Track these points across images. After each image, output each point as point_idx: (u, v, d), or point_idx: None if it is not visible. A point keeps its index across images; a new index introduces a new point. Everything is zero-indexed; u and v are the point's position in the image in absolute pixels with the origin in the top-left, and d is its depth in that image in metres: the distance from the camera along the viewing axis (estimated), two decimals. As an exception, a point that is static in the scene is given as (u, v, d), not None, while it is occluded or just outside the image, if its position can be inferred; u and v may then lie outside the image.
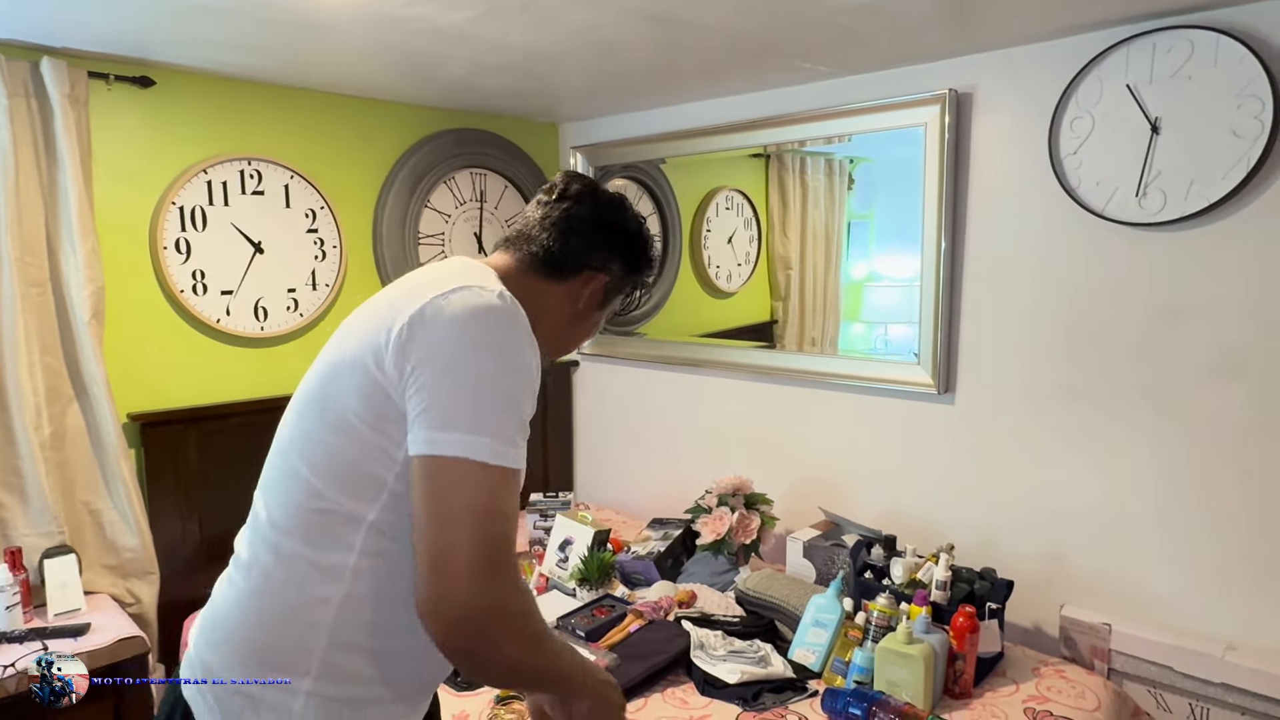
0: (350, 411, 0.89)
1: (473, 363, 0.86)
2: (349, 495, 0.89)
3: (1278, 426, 1.65)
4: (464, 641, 0.81)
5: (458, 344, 0.86)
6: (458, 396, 0.84)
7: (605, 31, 1.80)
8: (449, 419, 0.83)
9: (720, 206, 2.86)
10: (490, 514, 0.82)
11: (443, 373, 0.85)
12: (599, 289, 1.07)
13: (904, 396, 2.19)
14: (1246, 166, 1.61)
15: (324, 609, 0.90)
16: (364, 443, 0.88)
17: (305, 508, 0.91)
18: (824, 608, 1.81)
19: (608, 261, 1.07)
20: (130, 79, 2.03)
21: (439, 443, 0.82)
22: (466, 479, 0.82)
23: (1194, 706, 1.73)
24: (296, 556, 0.91)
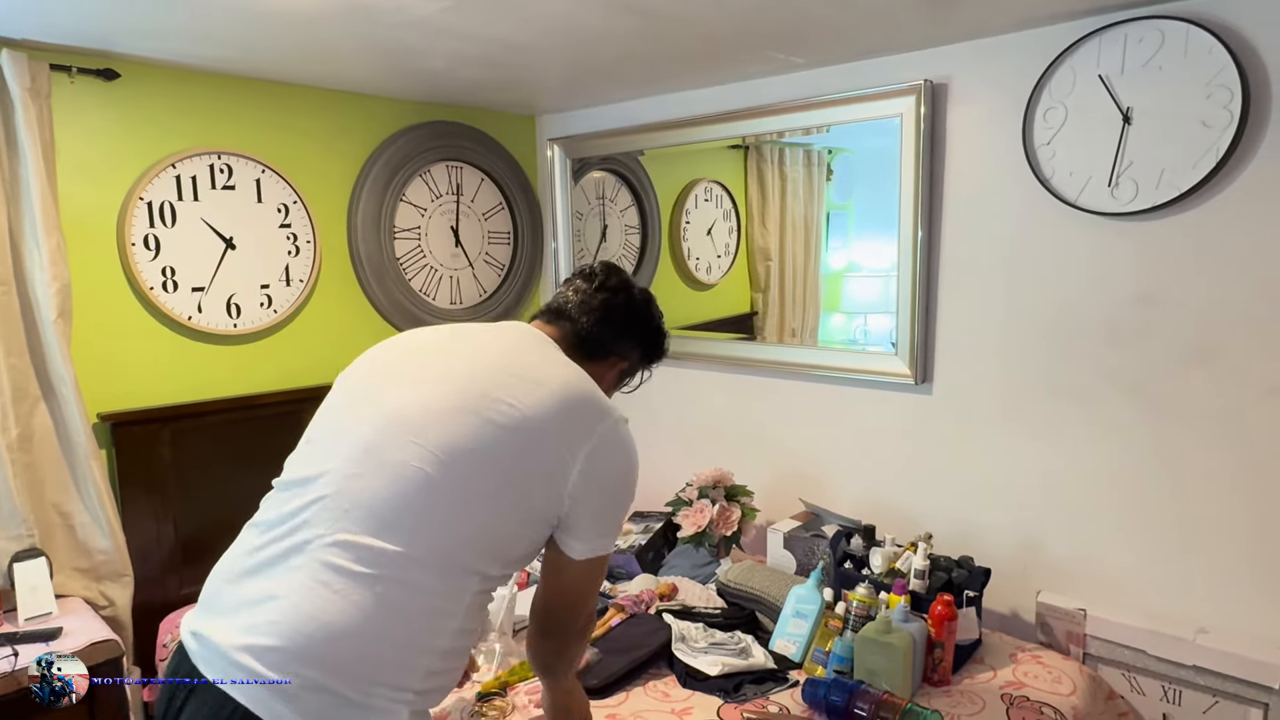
0: (532, 507, 1.07)
1: (624, 491, 1.15)
2: (488, 559, 1.06)
3: (1247, 412, 1.68)
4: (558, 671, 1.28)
5: (622, 479, 1.14)
6: (613, 517, 1.16)
7: (582, 23, 1.78)
8: (603, 533, 1.14)
9: (699, 198, 2.86)
10: (594, 595, 1.20)
11: (607, 501, 1.13)
12: (618, 373, 1.31)
13: (882, 387, 2.20)
14: (1216, 156, 1.62)
15: (440, 639, 1.04)
16: (531, 533, 1.10)
17: (452, 554, 1.03)
18: (804, 598, 1.82)
19: (630, 350, 1.30)
20: (94, 72, 1.99)
21: (594, 549, 1.13)
22: (598, 570, 1.16)
23: (1167, 689, 1.76)
24: (428, 590, 1.02)
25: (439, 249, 2.78)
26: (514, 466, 1.05)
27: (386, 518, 0.99)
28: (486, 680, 1.65)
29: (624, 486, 1.14)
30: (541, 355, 1.17)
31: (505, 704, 1.58)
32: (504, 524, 1.06)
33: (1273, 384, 1.65)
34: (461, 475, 1.02)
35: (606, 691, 1.63)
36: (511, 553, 1.09)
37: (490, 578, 1.08)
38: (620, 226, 2.92)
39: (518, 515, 1.07)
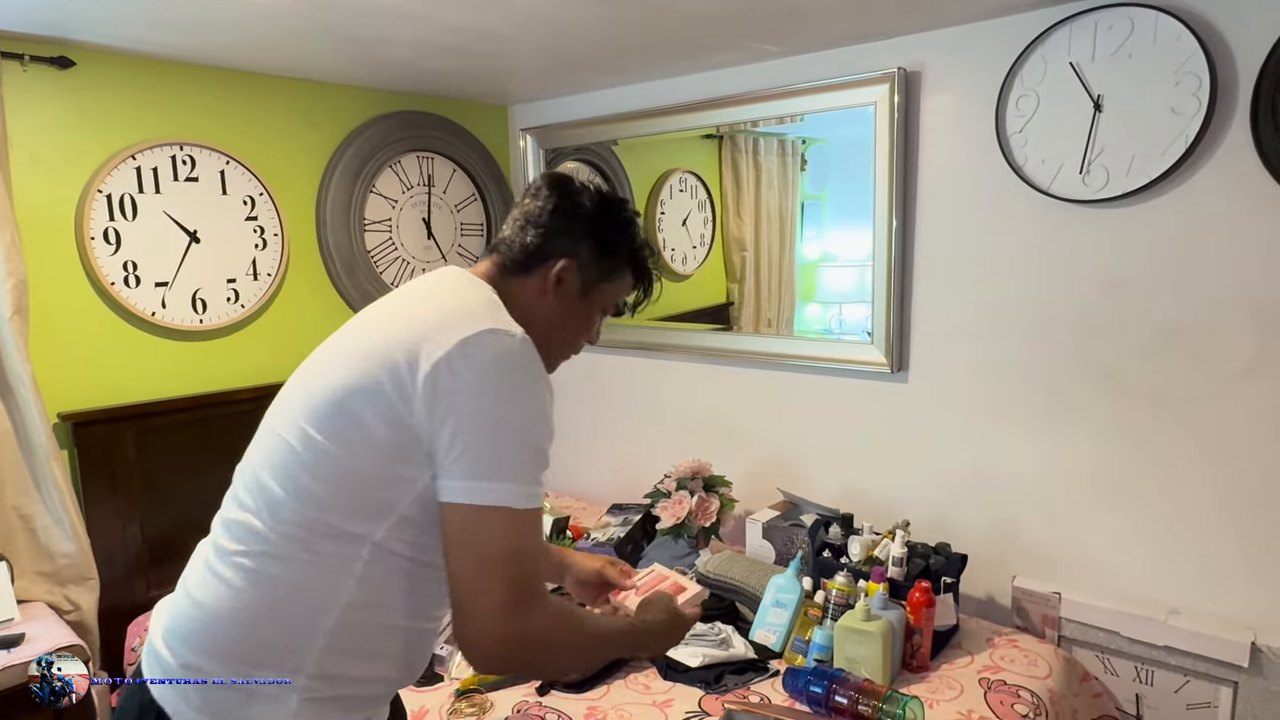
0: (372, 438, 0.91)
1: (501, 412, 0.90)
2: (357, 514, 0.93)
3: (1215, 397, 1.70)
4: (502, 668, 0.99)
5: (488, 394, 0.90)
6: (489, 447, 0.89)
7: (554, 10, 1.75)
8: (481, 469, 0.89)
9: (674, 189, 2.84)
10: (519, 555, 0.89)
11: (474, 423, 0.89)
12: (568, 272, 1.07)
13: (858, 376, 2.20)
14: (1185, 143, 1.64)
15: (325, 616, 0.93)
16: (382, 469, 0.92)
17: (313, 519, 0.92)
18: (784, 588, 1.82)
19: (572, 245, 1.08)
20: (48, 60, 1.92)
21: (473, 491, 0.89)
22: (497, 525, 0.89)
23: (1139, 669, 1.79)
24: (301, 563, 0.92)
25: (411, 241, 2.74)
26: (350, 402, 0.92)
27: (255, 492, 0.96)
28: (465, 677, 1.63)
29: (497, 405, 0.89)
30: (436, 291, 1.02)
31: (484, 700, 1.57)
32: (357, 471, 0.92)
33: (1240, 368, 1.67)
34: (312, 434, 0.93)
35: (587, 685, 1.62)
36: (384, 503, 0.92)
37: (380, 545, 0.92)
38: (595, 217, 2.89)
39: (368, 456, 0.91)
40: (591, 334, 1.17)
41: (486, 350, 0.90)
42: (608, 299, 1.14)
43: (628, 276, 1.14)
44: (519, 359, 0.92)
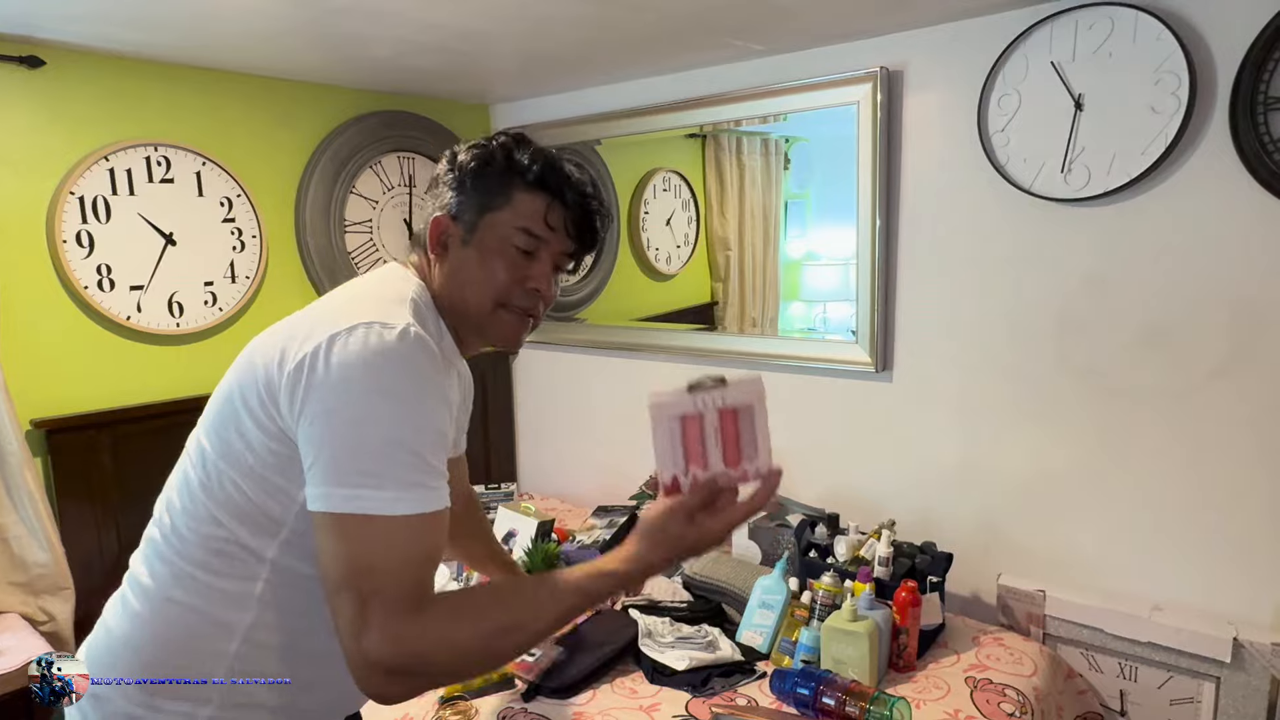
0: (250, 445, 0.87)
1: (363, 411, 0.81)
2: (248, 529, 0.88)
3: (1197, 394, 1.72)
4: (397, 694, 0.80)
5: (350, 392, 0.81)
6: (348, 448, 0.80)
7: (536, 8, 1.73)
8: (339, 473, 0.80)
9: (657, 188, 2.83)
10: (386, 566, 0.79)
11: (333, 423, 0.81)
12: (440, 226, 0.98)
13: (843, 375, 2.20)
14: (1165, 142, 1.65)
15: (228, 637, 0.88)
16: (262, 479, 0.87)
17: (208, 535, 0.89)
18: (770, 589, 1.82)
19: (441, 201, 1.00)
20: (16, 59, 1.88)
21: (329, 498, 0.80)
22: (359, 535, 0.79)
23: (1123, 666, 1.80)
24: (200, 582, 0.89)
25: (392, 242, 2.71)
26: (230, 407, 0.89)
27: (162, 509, 0.95)
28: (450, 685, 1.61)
29: (359, 403, 0.81)
30: (344, 288, 0.98)
31: (469, 707, 1.55)
32: (240, 483, 0.87)
33: (1219, 366, 1.68)
34: (205, 446, 0.91)
35: (573, 690, 1.61)
36: (271, 517, 0.87)
37: (278, 563, 0.88)
38: (578, 217, 2.87)
39: (248, 466, 0.86)
40: (522, 280, 0.99)
41: (353, 346, 0.82)
42: (505, 229, 0.97)
43: (518, 193, 0.97)
44: (392, 354, 0.82)
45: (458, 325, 1.00)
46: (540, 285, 1.00)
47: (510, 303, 0.99)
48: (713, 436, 0.80)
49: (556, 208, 0.98)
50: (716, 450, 0.80)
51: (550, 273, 1.01)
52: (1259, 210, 1.60)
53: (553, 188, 0.98)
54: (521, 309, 1.00)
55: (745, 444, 0.80)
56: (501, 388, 3.01)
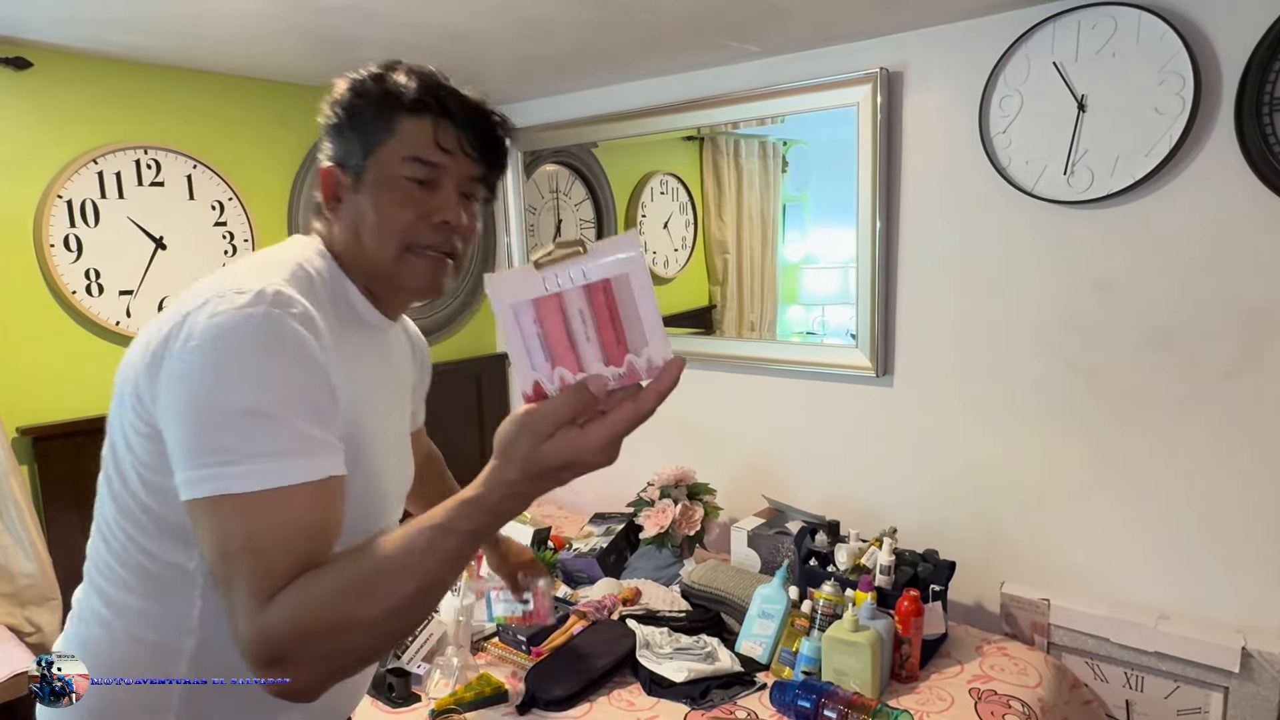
0: (131, 449, 0.80)
1: (214, 385, 0.73)
2: (166, 542, 0.81)
3: (1203, 398, 1.69)
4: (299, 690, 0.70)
5: (197, 368, 0.73)
6: (194, 425, 0.73)
7: (531, 10, 1.71)
8: (191, 454, 0.72)
9: (655, 191, 2.81)
10: (249, 546, 0.70)
11: (184, 403, 0.74)
12: (328, 177, 0.91)
13: (843, 380, 2.17)
14: (1169, 143, 1.62)
15: (177, 661, 0.84)
16: (153, 486, 0.79)
17: (131, 557, 0.83)
18: (770, 598, 1.79)
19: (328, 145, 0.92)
20: (3, 60, 1.85)
21: (187, 484, 0.72)
22: (217, 517, 0.72)
23: (1129, 675, 1.77)
24: (133, 609, 0.83)
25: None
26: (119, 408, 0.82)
27: (94, 545, 0.89)
28: (442, 697, 1.57)
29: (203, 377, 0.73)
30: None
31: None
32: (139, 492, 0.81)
33: (1227, 368, 1.66)
34: (113, 451, 0.85)
35: (569, 702, 1.58)
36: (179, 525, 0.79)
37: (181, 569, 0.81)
38: (575, 221, 2.85)
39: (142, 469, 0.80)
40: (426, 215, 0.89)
41: (201, 319, 0.74)
42: (394, 163, 0.87)
43: (401, 120, 0.87)
44: (243, 321, 0.74)
45: (372, 283, 0.92)
46: (449, 216, 0.88)
47: (417, 243, 0.88)
48: (580, 324, 0.59)
49: (446, 126, 0.88)
50: (589, 343, 0.60)
51: (458, 201, 0.90)
52: (1265, 212, 1.58)
53: (437, 106, 0.88)
54: (433, 248, 0.89)
55: (629, 328, 0.59)
56: (497, 393, 2.98)
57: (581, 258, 0.57)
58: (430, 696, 1.60)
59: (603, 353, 0.60)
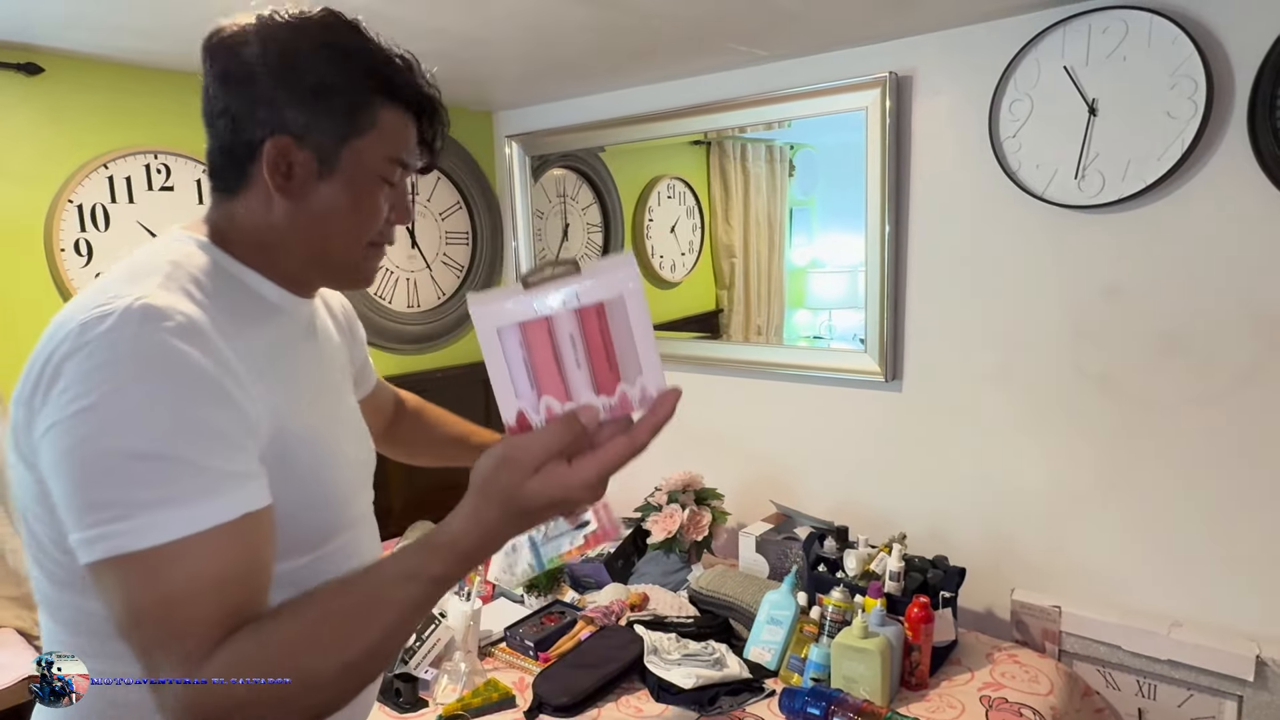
0: (27, 491, 0.71)
1: (88, 429, 0.62)
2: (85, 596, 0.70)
3: (1216, 403, 1.68)
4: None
5: (66, 409, 0.63)
6: (80, 480, 0.63)
7: (539, 14, 1.71)
8: (81, 513, 0.63)
9: (662, 195, 2.80)
10: (169, 612, 0.61)
11: (59, 453, 0.64)
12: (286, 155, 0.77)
13: (852, 385, 2.17)
14: (1181, 147, 1.61)
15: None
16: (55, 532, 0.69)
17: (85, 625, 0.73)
18: (778, 604, 1.78)
19: (273, 115, 0.76)
20: (14, 66, 1.86)
21: (82, 547, 0.63)
22: (126, 578, 0.62)
23: (1141, 683, 1.75)
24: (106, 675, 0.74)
25: (394, 251, 2.68)
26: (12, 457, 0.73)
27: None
28: (449, 703, 1.57)
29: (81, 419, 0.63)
30: None
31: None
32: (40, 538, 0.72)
33: (1241, 374, 1.64)
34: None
35: (577, 709, 1.57)
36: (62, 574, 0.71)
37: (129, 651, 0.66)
38: (582, 225, 2.85)
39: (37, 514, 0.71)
40: (391, 214, 0.85)
41: (64, 352, 0.65)
42: (376, 160, 0.80)
43: (384, 113, 0.80)
44: (107, 349, 0.63)
45: (301, 269, 0.83)
46: (410, 215, 0.88)
47: (380, 239, 0.86)
48: (571, 349, 0.55)
49: (423, 126, 0.86)
50: (580, 370, 0.56)
51: (409, 196, 0.88)
52: (1278, 216, 1.57)
53: (417, 102, 0.84)
54: (385, 241, 0.87)
55: (622, 356, 0.55)
56: (504, 397, 2.98)
57: (575, 278, 0.54)
58: (438, 702, 1.60)
59: (593, 381, 0.56)
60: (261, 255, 0.81)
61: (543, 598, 2.03)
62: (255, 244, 0.80)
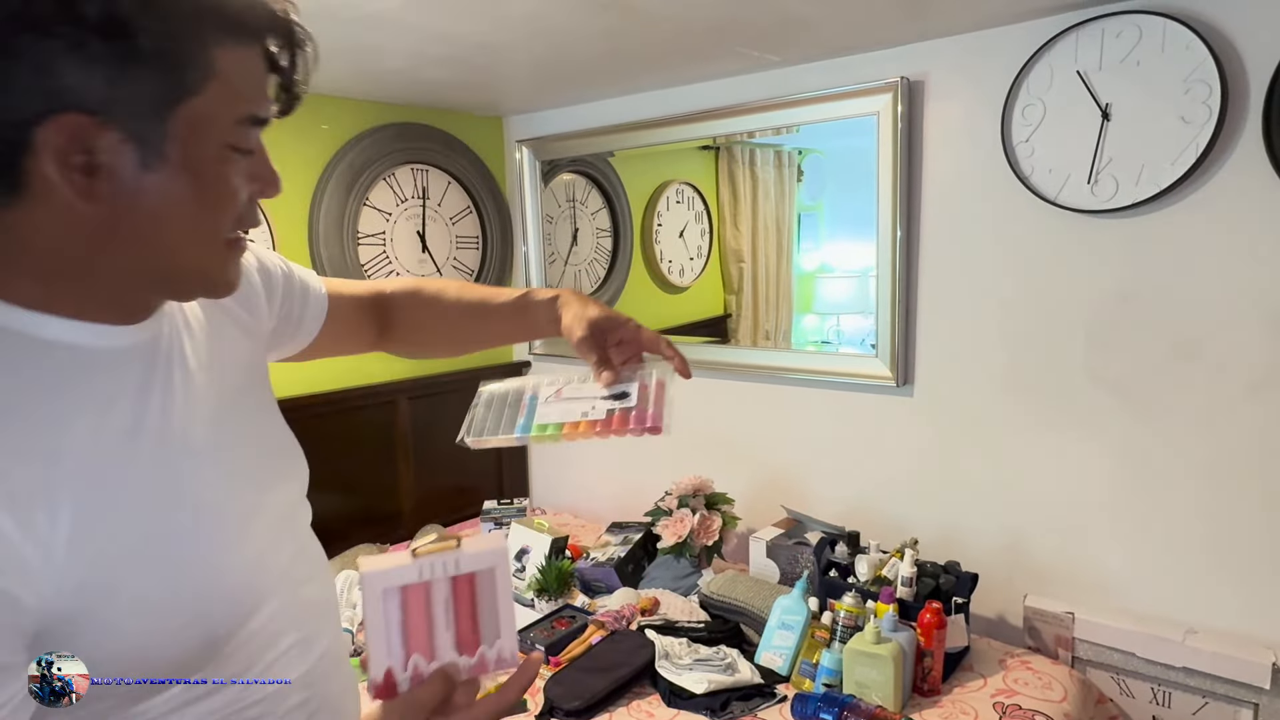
0: None
1: None
2: None
3: (1231, 408, 1.67)
4: None
5: None
6: None
7: (552, 20, 1.71)
8: None
9: (671, 200, 2.81)
10: None
11: None
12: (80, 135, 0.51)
13: (863, 390, 2.16)
14: (1195, 152, 1.61)
15: None
16: None
17: None
18: (789, 609, 1.77)
19: (54, 84, 0.50)
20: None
21: None
22: None
23: (1156, 691, 1.74)
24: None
25: (405, 255, 2.69)
26: None
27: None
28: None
29: None
30: None
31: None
32: None
33: (1256, 379, 1.64)
34: None
35: (589, 713, 1.57)
36: None
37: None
38: (591, 230, 2.86)
39: None
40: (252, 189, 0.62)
41: None
42: (223, 125, 0.57)
43: (229, 53, 0.55)
44: None
45: (128, 290, 0.60)
46: (277, 186, 0.64)
47: (240, 229, 0.63)
48: (443, 613, 0.61)
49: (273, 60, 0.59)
50: (448, 631, 0.61)
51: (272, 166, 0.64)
52: (1294, 222, 1.56)
53: (267, 28, 0.58)
54: (248, 227, 0.64)
55: (484, 621, 0.62)
56: (513, 401, 2.98)
57: (455, 551, 0.62)
58: (449, 706, 1.59)
59: (456, 642, 0.62)
60: (58, 285, 0.56)
61: (553, 602, 2.03)
62: (47, 273, 0.55)
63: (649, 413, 0.84)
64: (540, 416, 0.85)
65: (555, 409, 0.85)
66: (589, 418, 0.83)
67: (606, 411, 0.84)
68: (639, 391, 0.86)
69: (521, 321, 0.98)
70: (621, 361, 0.90)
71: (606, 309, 0.91)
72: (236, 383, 0.74)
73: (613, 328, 0.90)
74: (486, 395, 0.92)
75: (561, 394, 0.86)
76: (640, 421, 0.83)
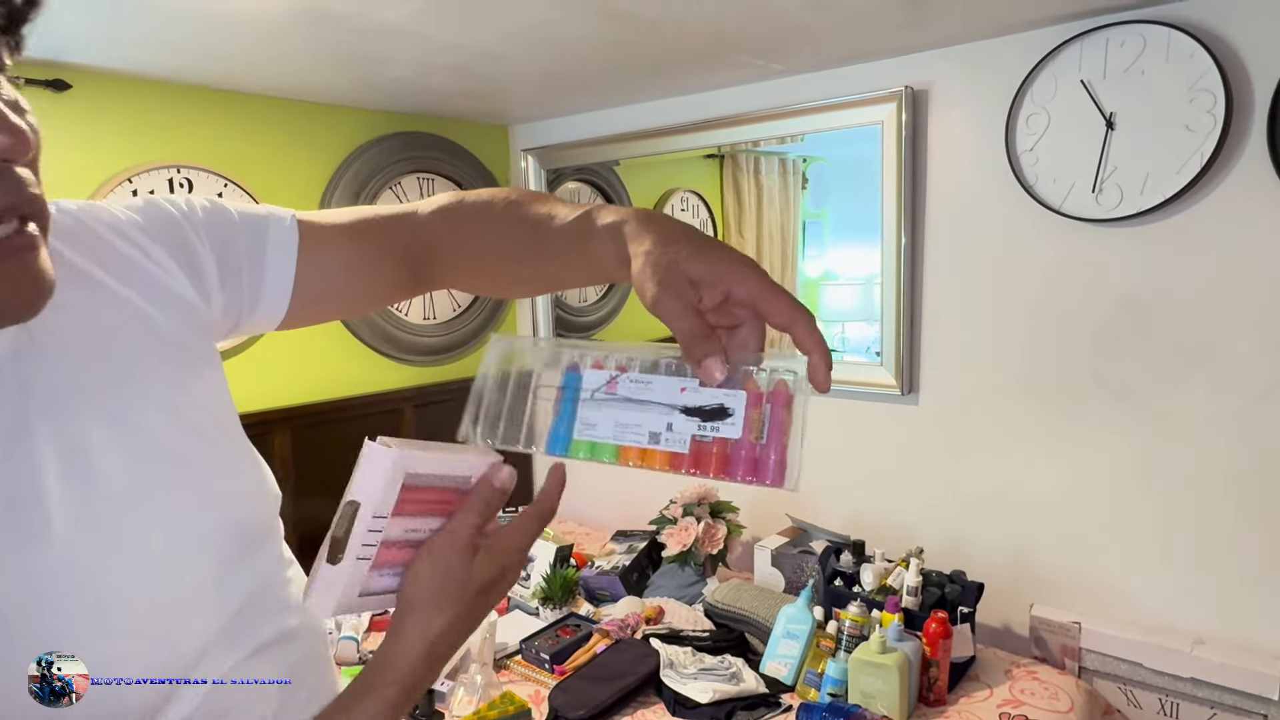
0: None
1: None
2: None
3: (1238, 417, 1.66)
4: None
5: None
6: None
7: (558, 29, 1.73)
8: None
9: (676, 208, 2.81)
10: None
11: None
12: None
13: (867, 398, 2.16)
14: (1200, 161, 1.61)
15: None
16: None
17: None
18: (794, 618, 1.77)
19: None
20: (42, 82, 1.89)
21: None
22: None
23: (1164, 701, 1.73)
24: None
25: (411, 263, 2.70)
26: None
27: None
28: (466, 715, 1.57)
29: None
30: None
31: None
32: None
33: (1264, 388, 1.63)
34: None
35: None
36: None
37: None
38: (597, 238, 2.87)
39: None
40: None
41: None
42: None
43: None
44: None
45: None
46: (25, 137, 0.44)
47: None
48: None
49: None
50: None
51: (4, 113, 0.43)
52: (1300, 230, 1.56)
53: None
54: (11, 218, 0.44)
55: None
56: (519, 409, 2.99)
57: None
58: (454, 714, 1.60)
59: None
60: None
61: (558, 610, 2.03)
62: None
63: (768, 453, 0.52)
64: (585, 424, 0.58)
65: (607, 415, 0.56)
66: (666, 446, 0.53)
67: (693, 439, 0.53)
68: (746, 406, 0.53)
69: (582, 256, 0.64)
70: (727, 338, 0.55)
71: (703, 246, 0.55)
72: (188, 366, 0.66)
73: (714, 282, 0.54)
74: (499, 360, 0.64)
75: (616, 385, 0.55)
76: (751, 469, 0.52)
